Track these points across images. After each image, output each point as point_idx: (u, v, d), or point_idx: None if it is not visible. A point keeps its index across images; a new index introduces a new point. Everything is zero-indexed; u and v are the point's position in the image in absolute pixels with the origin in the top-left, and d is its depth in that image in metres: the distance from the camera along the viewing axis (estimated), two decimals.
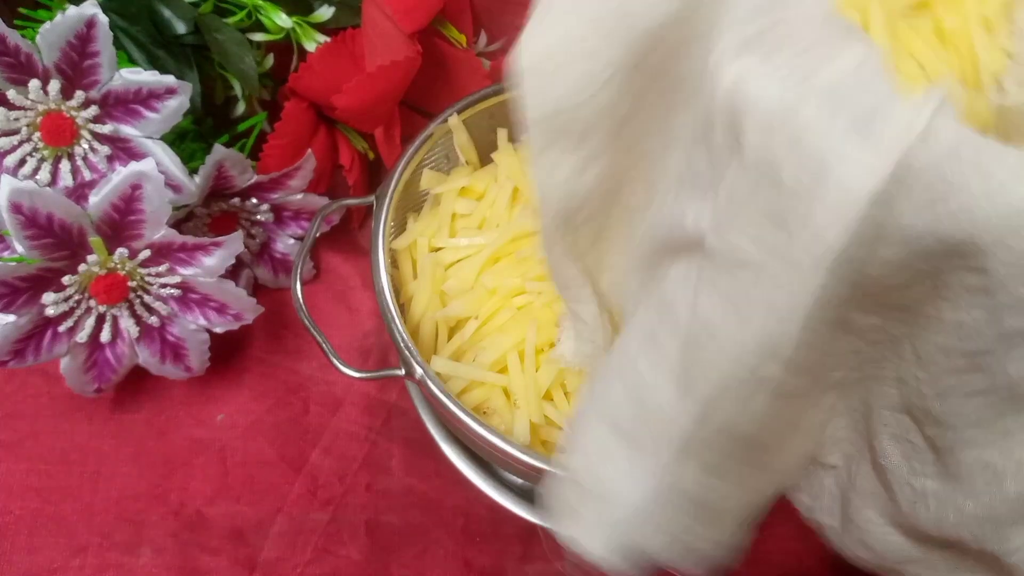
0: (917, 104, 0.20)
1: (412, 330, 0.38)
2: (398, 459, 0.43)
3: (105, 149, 0.38)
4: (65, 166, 0.39)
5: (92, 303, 0.38)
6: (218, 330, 0.41)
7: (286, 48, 0.44)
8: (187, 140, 0.44)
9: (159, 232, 0.37)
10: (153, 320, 0.40)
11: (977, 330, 0.22)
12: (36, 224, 0.35)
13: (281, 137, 0.42)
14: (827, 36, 0.22)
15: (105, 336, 0.39)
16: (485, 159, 0.45)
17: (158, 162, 0.37)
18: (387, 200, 0.40)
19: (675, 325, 0.26)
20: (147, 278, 0.39)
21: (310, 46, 0.43)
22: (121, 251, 0.37)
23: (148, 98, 0.38)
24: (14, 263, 0.36)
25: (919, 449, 0.25)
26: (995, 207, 0.19)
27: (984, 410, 0.23)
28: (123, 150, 0.39)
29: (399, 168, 0.41)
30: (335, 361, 0.37)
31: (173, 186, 0.38)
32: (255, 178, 0.42)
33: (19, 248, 0.35)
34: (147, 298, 0.39)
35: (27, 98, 0.37)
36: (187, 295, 0.40)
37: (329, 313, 0.47)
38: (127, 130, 0.38)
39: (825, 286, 0.21)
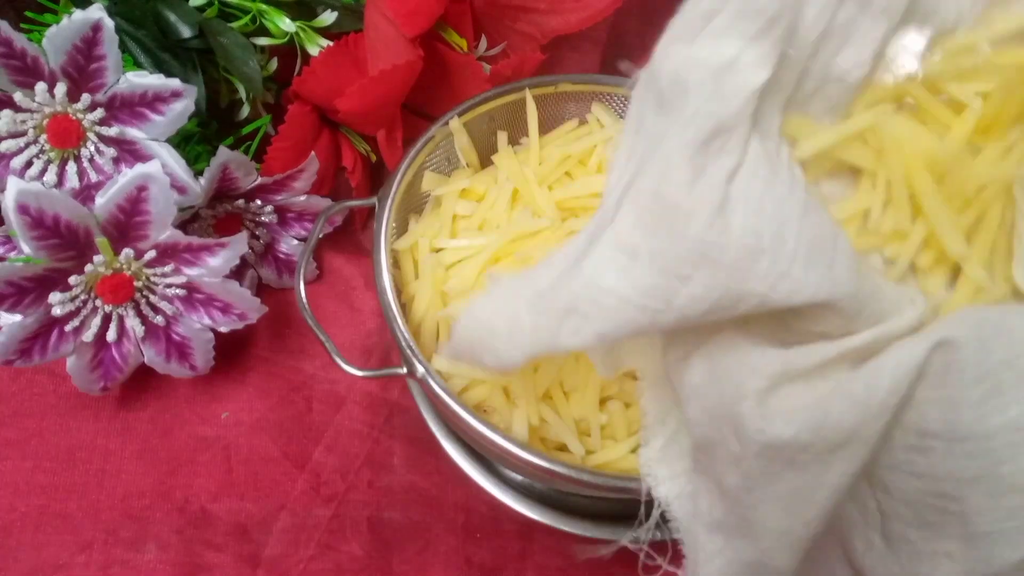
0: None
1: (414, 329, 0.38)
2: (400, 456, 0.44)
3: (111, 151, 0.39)
4: (71, 168, 0.39)
5: (98, 303, 0.39)
6: (223, 329, 0.41)
7: (290, 52, 0.44)
8: (192, 142, 0.44)
9: (164, 233, 0.38)
10: (158, 320, 0.40)
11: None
12: (43, 225, 0.35)
13: (285, 140, 0.42)
14: None
15: (111, 335, 0.40)
16: (485, 161, 0.45)
17: (164, 164, 0.37)
18: (389, 201, 0.40)
19: None
20: (153, 278, 0.39)
21: (313, 50, 0.43)
22: (127, 252, 0.38)
23: (154, 101, 0.38)
24: (21, 263, 0.36)
25: (870, 511, 0.27)
26: None
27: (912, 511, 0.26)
28: (129, 152, 0.39)
29: (401, 170, 0.41)
30: (338, 360, 0.37)
31: (178, 188, 0.39)
32: (259, 180, 0.42)
33: (26, 249, 0.35)
34: (153, 298, 0.40)
35: (34, 101, 0.37)
36: (192, 295, 0.40)
37: (332, 313, 0.48)
38: (133, 132, 0.39)
39: None
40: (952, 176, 0.27)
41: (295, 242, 0.47)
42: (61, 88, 0.37)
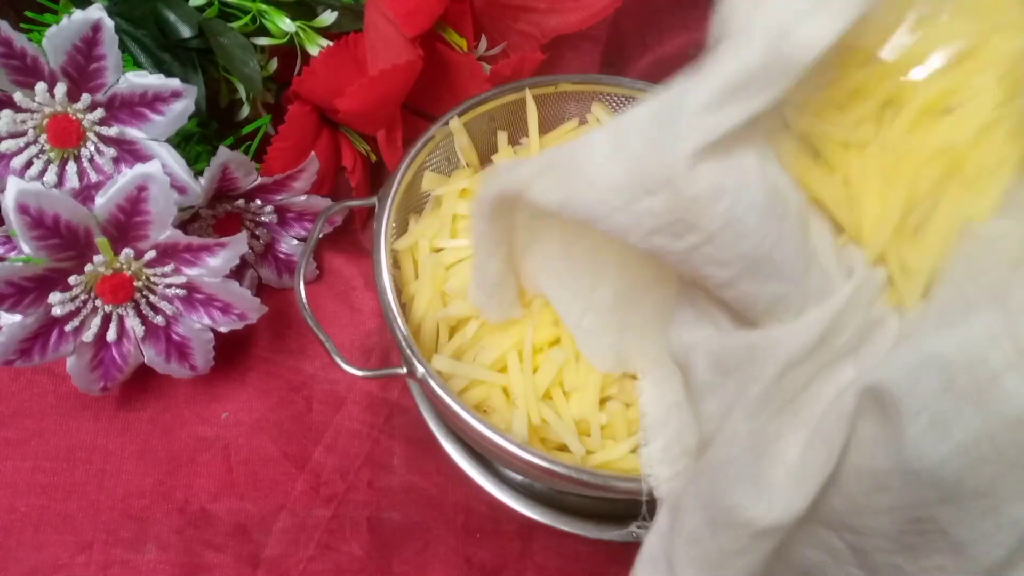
0: None
1: (414, 329, 0.38)
2: (400, 456, 0.44)
3: (111, 151, 0.39)
4: (71, 168, 0.39)
5: (98, 303, 0.39)
6: (223, 329, 0.41)
7: (290, 52, 0.44)
8: (192, 142, 0.44)
9: (164, 233, 0.38)
10: (158, 320, 0.40)
11: None
12: (43, 225, 0.35)
13: (285, 140, 0.42)
14: None
15: (111, 335, 0.39)
16: (485, 161, 0.45)
17: (163, 164, 0.37)
18: (389, 201, 0.40)
19: None
20: (153, 278, 0.39)
21: (313, 50, 0.43)
22: (127, 252, 0.38)
23: (153, 101, 0.38)
24: (21, 263, 0.36)
25: (839, 551, 0.27)
26: None
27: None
28: (129, 152, 0.39)
29: (401, 170, 0.41)
30: (338, 360, 0.37)
31: (178, 188, 0.38)
32: (259, 180, 0.42)
33: (26, 249, 0.35)
34: (153, 298, 0.40)
35: (34, 101, 0.37)
36: (192, 295, 0.40)
37: (332, 313, 0.48)
38: (133, 132, 0.39)
39: None
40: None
41: (295, 242, 0.47)
42: (61, 88, 0.37)
